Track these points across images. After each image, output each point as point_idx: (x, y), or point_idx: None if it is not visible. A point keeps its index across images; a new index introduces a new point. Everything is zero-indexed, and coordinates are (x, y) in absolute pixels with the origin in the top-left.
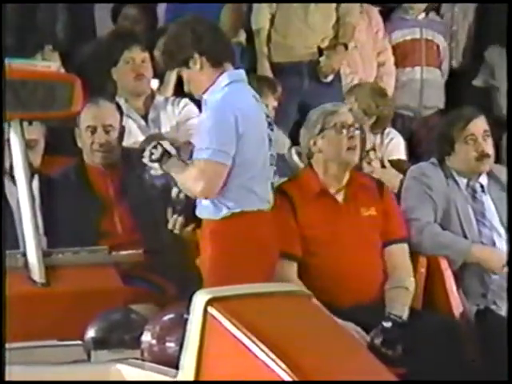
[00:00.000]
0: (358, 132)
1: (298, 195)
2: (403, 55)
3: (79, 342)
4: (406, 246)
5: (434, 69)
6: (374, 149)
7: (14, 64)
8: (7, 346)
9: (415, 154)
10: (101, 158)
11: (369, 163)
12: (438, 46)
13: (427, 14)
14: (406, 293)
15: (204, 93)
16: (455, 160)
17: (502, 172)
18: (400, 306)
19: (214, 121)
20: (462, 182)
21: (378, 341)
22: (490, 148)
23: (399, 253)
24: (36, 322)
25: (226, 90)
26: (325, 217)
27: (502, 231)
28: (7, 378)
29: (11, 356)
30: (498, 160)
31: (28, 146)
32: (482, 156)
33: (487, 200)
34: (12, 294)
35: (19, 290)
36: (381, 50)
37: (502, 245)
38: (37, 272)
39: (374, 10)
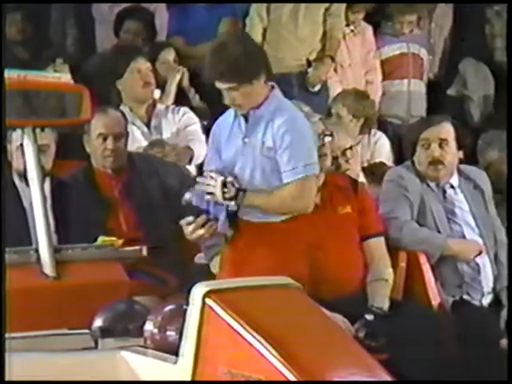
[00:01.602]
0: (328, 139)
1: None
2: (392, 69)
3: (87, 331)
4: (382, 239)
5: (419, 81)
6: (351, 147)
7: (28, 75)
8: (21, 334)
9: (403, 157)
10: (111, 162)
11: (346, 161)
12: (422, 59)
13: (411, 30)
14: (385, 284)
15: (258, 107)
16: (416, 162)
17: (473, 172)
18: (381, 298)
19: (298, 137)
20: (432, 182)
21: (361, 334)
22: (444, 156)
23: (376, 246)
24: (48, 312)
25: (286, 103)
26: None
27: (475, 226)
28: (20, 364)
29: (25, 344)
30: (474, 163)
31: (40, 150)
32: (434, 162)
33: (459, 198)
34: (25, 287)
35: (32, 284)
36: (369, 69)
37: (474, 238)
38: (48, 267)
39: (369, 30)
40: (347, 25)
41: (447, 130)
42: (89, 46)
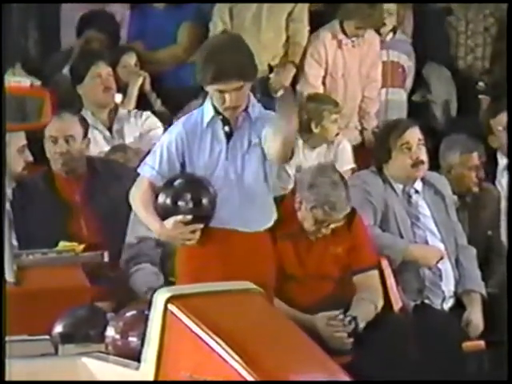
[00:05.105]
0: None
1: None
2: None
3: (47, 337)
4: (375, 272)
5: (399, 89)
6: None
7: None
8: None
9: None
10: (61, 165)
11: None
12: (402, 67)
13: (394, 34)
14: (372, 308)
15: (245, 110)
16: (392, 167)
17: (433, 177)
18: (364, 316)
19: None
20: (398, 187)
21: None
22: (424, 155)
23: (369, 279)
24: (7, 318)
25: (261, 107)
26: (295, 250)
27: (437, 232)
28: None
29: None
30: (435, 167)
31: None
32: (417, 163)
33: (422, 204)
34: None
35: None
36: (369, 84)
37: (436, 243)
38: (8, 272)
39: (376, 40)
40: (347, 36)
41: (419, 131)
42: (51, 48)
